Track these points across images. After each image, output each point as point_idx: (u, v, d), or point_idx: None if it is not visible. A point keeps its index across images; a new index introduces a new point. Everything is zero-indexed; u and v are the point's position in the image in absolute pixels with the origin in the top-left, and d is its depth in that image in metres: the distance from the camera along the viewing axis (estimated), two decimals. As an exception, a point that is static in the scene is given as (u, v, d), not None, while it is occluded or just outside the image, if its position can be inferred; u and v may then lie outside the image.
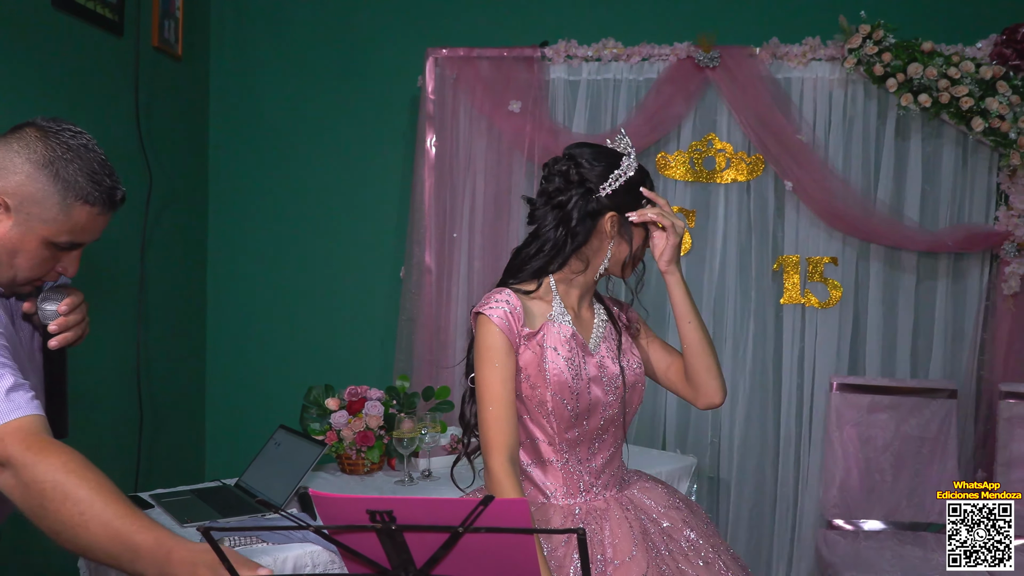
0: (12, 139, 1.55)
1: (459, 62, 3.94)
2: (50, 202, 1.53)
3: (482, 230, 3.97)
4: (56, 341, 1.63)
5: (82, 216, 1.56)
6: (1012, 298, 3.63)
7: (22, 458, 1.39)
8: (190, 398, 4.18)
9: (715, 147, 3.84)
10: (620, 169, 1.91)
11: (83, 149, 1.56)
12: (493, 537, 1.19)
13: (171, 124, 3.91)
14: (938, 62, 3.58)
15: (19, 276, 1.58)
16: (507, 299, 1.85)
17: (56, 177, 1.52)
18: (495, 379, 1.81)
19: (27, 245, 1.55)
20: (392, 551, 1.21)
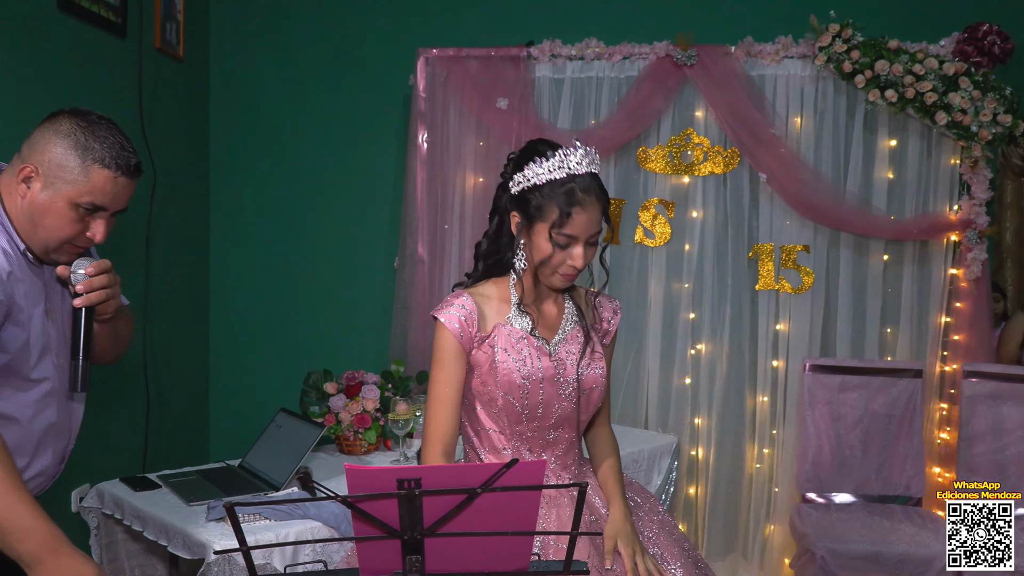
0: (47, 120, 1.72)
1: (449, 61, 3.94)
2: (71, 165, 1.66)
3: (472, 222, 3.98)
4: (81, 300, 1.71)
5: (100, 178, 1.68)
6: (974, 283, 3.66)
7: None
8: (194, 383, 4.19)
9: (693, 141, 3.85)
10: (522, 173, 1.79)
11: (105, 126, 1.71)
12: (502, 497, 1.23)
13: (173, 122, 3.90)
14: (904, 59, 3.60)
15: (50, 239, 1.70)
16: (463, 304, 1.82)
17: (77, 144, 1.67)
18: (442, 380, 1.83)
19: (55, 206, 1.67)
20: (406, 515, 1.23)
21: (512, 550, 1.33)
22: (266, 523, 2.27)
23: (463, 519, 1.25)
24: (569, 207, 1.73)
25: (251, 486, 2.58)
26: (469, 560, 1.31)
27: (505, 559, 1.32)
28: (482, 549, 1.31)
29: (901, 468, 3.53)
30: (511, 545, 1.32)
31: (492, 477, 1.19)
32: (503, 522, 1.28)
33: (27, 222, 1.69)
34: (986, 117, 3.55)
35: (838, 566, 3.10)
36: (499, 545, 1.31)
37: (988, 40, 3.59)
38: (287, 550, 2.23)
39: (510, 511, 1.28)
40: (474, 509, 1.24)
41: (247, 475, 2.69)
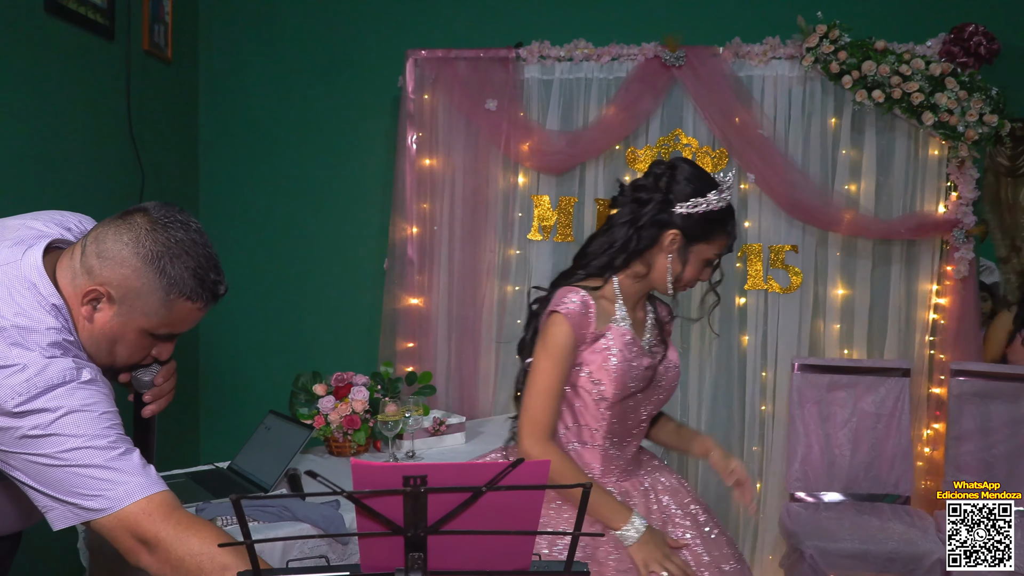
0: (123, 228, 1.46)
1: (437, 63, 3.92)
2: (153, 297, 1.46)
3: (462, 223, 3.95)
4: (150, 410, 1.64)
5: (183, 311, 1.50)
6: (961, 282, 3.66)
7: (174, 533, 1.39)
8: (184, 385, 4.12)
9: (681, 142, 3.83)
10: (703, 198, 1.89)
11: (192, 244, 1.49)
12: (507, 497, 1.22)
13: (162, 124, 3.87)
14: (890, 60, 3.59)
15: (117, 362, 1.56)
16: (584, 300, 1.85)
17: (163, 274, 1.45)
18: (552, 372, 1.85)
19: (127, 335, 1.50)
20: (411, 512, 1.22)
21: (514, 549, 1.32)
22: (255, 525, 2.24)
23: (466, 517, 1.24)
24: (732, 239, 1.95)
25: (240, 488, 2.55)
26: (471, 558, 1.30)
27: (507, 558, 1.32)
28: (484, 548, 1.30)
29: (889, 467, 3.52)
30: (513, 544, 1.31)
31: (497, 476, 1.18)
32: (506, 521, 1.27)
33: (92, 346, 1.51)
34: (972, 117, 3.55)
35: (827, 565, 3.09)
36: (501, 544, 1.30)
37: (974, 41, 3.59)
38: (275, 551, 2.19)
39: (513, 511, 1.28)
40: (478, 507, 1.23)
41: (237, 477, 2.66)
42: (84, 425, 1.39)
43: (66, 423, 1.38)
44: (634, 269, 1.94)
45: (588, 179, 3.93)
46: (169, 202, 1.54)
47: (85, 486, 1.38)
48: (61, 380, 1.39)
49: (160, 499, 1.41)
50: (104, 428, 1.41)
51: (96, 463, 1.38)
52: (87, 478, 1.38)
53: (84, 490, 1.38)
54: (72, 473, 1.38)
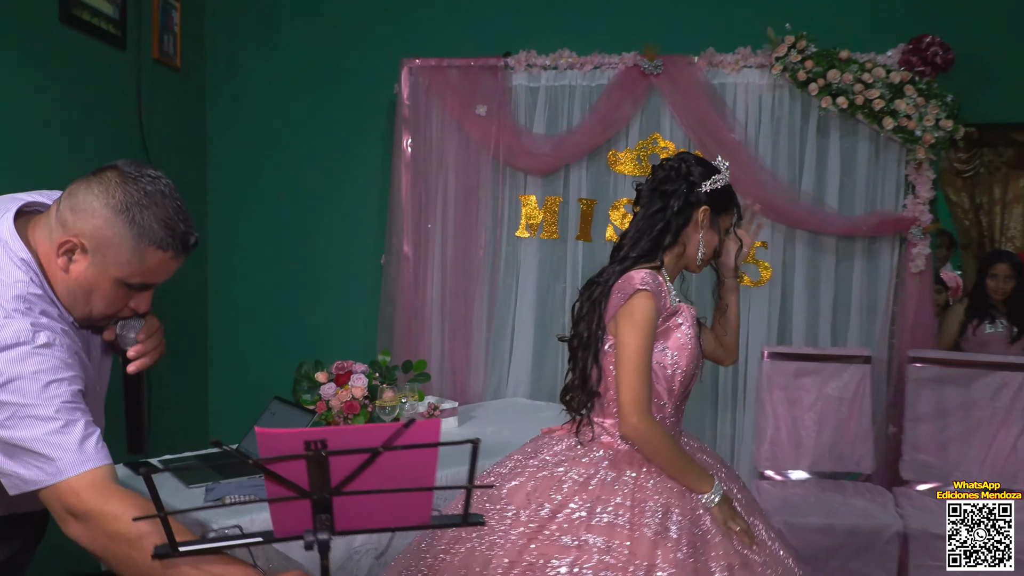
0: (93, 182, 1.45)
1: (431, 71, 3.95)
2: (125, 246, 1.43)
3: (454, 221, 3.99)
4: (134, 366, 1.56)
5: (155, 260, 1.47)
6: (918, 275, 3.72)
7: (101, 510, 1.34)
8: (194, 373, 4.19)
9: (659, 145, 3.88)
10: (719, 175, 1.98)
11: (160, 195, 1.46)
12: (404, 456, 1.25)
13: (171, 129, 3.90)
14: (853, 68, 3.65)
15: (94, 313, 1.51)
16: (658, 279, 1.88)
17: (132, 223, 1.43)
18: (644, 348, 1.82)
19: (101, 285, 1.47)
20: (315, 475, 1.25)
21: (415, 505, 1.36)
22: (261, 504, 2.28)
23: (368, 478, 1.27)
24: (740, 208, 2.07)
25: (246, 469, 2.58)
26: (375, 517, 1.34)
27: (409, 514, 1.36)
28: (387, 505, 1.34)
29: (852, 447, 3.58)
30: (413, 501, 1.35)
31: (392, 436, 1.22)
32: (405, 479, 1.31)
33: (69, 297, 1.48)
34: (929, 122, 3.61)
35: (794, 538, 3.14)
36: (402, 501, 1.34)
37: (931, 51, 3.64)
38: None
39: (411, 469, 1.31)
40: (378, 468, 1.26)
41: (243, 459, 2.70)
42: (27, 394, 1.35)
43: (8, 391, 1.34)
44: (674, 251, 1.98)
45: (572, 180, 3.98)
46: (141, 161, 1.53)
47: (22, 457, 1.35)
48: (14, 341, 1.35)
49: (92, 476, 1.36)
50: (48, 398, 1.36)
51: (35, 435, 1.34)
52: (25, 450, 1.34)
53: (23, 460, 1.35)
54: (10, 443, 1.35)
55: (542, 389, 3.98)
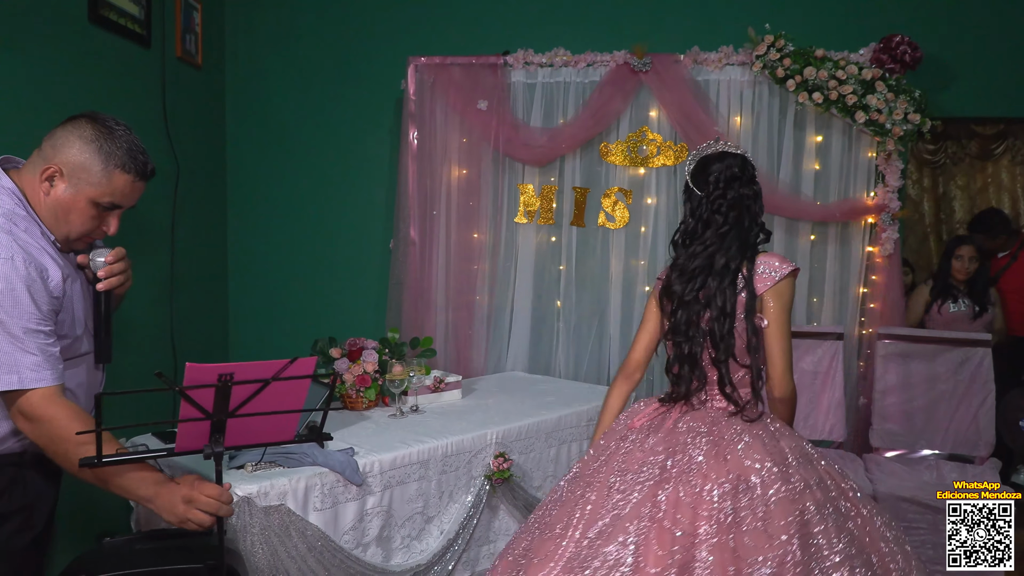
0: (69, 124, 1.68)
1: (435, 68, 3.90)
2: (95, 168, 1.66)
3: (457, 208, 3.95)
4: (103, 284, 1.73)
5: (120, 181, 1.69)
6: (887, 259, 3.69)
7: (50, 417, 1.59)
8: (215, 349, 4.14)
9: (648, 137, 3.83)
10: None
11: (123, 132, 1.70)
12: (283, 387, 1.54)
13: (193, 123, 3.83)
14: (828, 66, 3.60)
15: (72, 232, 1.69)
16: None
17: (100, 150, 1.66)
18: (790, 325, 1.97)
19: (78, 204, 1.67)
20: (220, 402, 1.49)
21: (285, 426, 1.63)
22: (280, 469, 2.25)
23: (257, 405, 1.53)
24: None
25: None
26: (254, 435, 1.61)
27: (279, 432, 1.64)
28: (265, 426, 1.60)
29: (825, 417, 3.56)
30: (284, 422, 1.62)
31: (280, 370, 1.51)
32: (279, 405, 1.57)
33: (51, 217, 1.67)
34: (898, 116, 3.56)
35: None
36: (275, 423, 1.61)
37: (900, 49, 3.59)
38: (299, 493, 2.21)
39: (286, 398, 1.57)
40: (263, 397, 1.53)
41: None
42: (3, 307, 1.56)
43: None
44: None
45: (567, 170, 3.93)
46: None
47: None
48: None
49: (46, 391, 1.60)
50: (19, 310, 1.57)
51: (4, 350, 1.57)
52: None
53: None
54: None
55: (539, 363, 3.96)
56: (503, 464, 2.72)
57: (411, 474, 2.53)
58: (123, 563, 1.67)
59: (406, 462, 2.52)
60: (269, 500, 2.13)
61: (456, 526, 2.64)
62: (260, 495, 2.11)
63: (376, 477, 2.42)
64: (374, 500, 2.43)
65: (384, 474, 2.45)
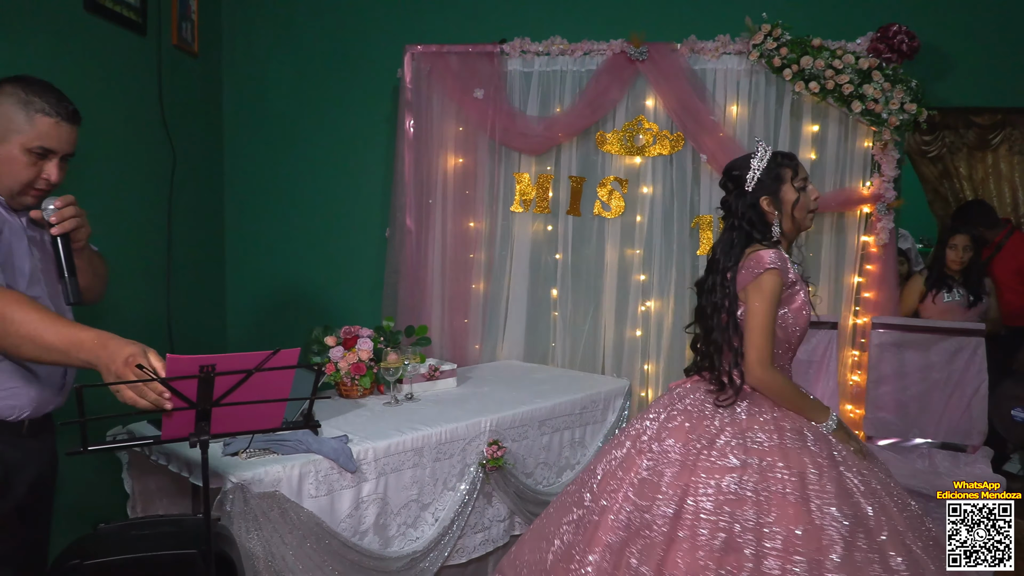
0: None
1: (432, 57, 3.89)
2: (19, 118, 1.77)
3: (453, 196, 3.95)
4: (57, 228, 1.79)
5: (44, 125, 1.78)
6: (882, 248, 3.69)
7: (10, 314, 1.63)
8: (212, 337, 4.15)
9: (644, 126, 3.83)
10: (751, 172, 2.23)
11: (40, 83, 1.81)
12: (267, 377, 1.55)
13: (190, 111, 3.83)
14: (825, 55, 3.59)
15: (14, 184, 1.80)
16: (782, 257, 2.10)
17: (20, 100, 1.77)
18: (771, 314, 2.07)
19: (11, 154, 1.77)
20: (203, 392, 1.51)
21: (272, 414, 1.66)
22: (274, 456, 2.27)
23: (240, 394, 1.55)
24: (793, 163, 2.19)
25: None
26: (241, 423, 1.64)
27: (266, 420, 1.67)
28: (251, 414, 1.62)
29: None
30: (271, 411, 1.65)
31: (263, 361, 1.52)
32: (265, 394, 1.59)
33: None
34: (895, 106, 3.56)
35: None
36: (263, 411, 1.63)
37: (897, 39, 3.59)
38: (293, 480, 2.23)
39: (272, 387, 1.59)
40: (249, 387, 1.54)
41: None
42: None
43: None
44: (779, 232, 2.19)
45: (563, 159, 3.93)
46: None
47: None
48: None
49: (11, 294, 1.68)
50: None
51: None
52: None
53: None
54: None
55: (535, 352, 3.97)
56: (497, 452, 2.74)
57: (405, 461, 2.55)
58: (117, 548, 1.69)
59: (400, 449, 2.54)
60: (263, 487, 2.15)
61: (451, 513, 2.67)
62: (254, 481, 2.13)
63: (371, 464, 2.45)
64: (369, 487, 2.45)
65: (379, 461, 2.47)
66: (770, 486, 1.89)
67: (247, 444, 2.29)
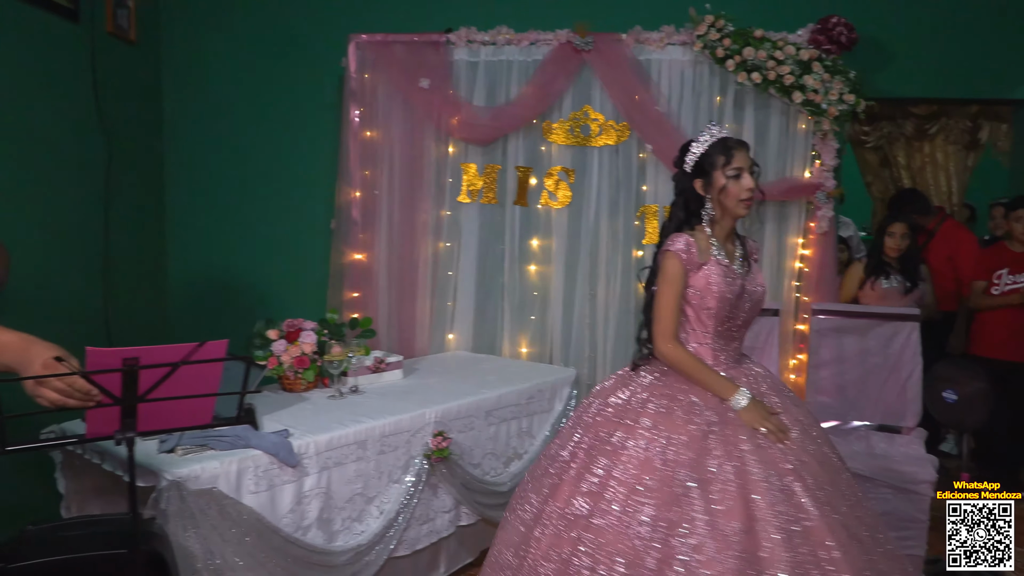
0: None
1: (377, 46, 3.85)
2: None
3: (399, 188, 3.92)
4: None
5: None
6: (822, 236, 3.76)
7: None
8: (154, 333, 4.06)
9: (590, 117, 3.84)
10: (692, 150, 2.23)
11: None
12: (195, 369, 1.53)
13: (127, 101, 3.74)
14: (767, 46, 3.64)
15: None
16: (686, 241, 2.17)
17: None
18: (672, 293, 2.17)
19: None
20: (127, 387, 1.49)
21: (201, 409, 1.64)
22: (211, 452, 2.24)
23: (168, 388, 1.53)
24: (728, 151, 2.17)
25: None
26: (170, 419, 1.61)
27: (196, 416, 1.64)
28: (180, 410, 1.59)
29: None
30: (200, 405, 1.63)
31: (189, 353, 1.50)
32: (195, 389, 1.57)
33: None
34: (834, 97, 3.62)
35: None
36: (191, 406, 1.61)
37: (837, 31, 3.65)
38: (231, 476, 2.20)
39: (200, 381, 1.58)
40: (176, 380, 1.52)
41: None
42: None
43: None
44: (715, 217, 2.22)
45: (510, 149, 3.93)
46: None
47: None
48: None
49: None
50: None
51: None
52: None
53: None
54: None
55: (484, 342, 3.97)
56: (442, 443, 2.74)
57: (349, 455, 2.54)
58: (43, 550, 1.65)
59: (343, 443, 2.52)
60: (200, 484, 2.12)
61: (396, 506, 2.66)
62: (190, 478, 2.10)
63: (312, 458, 2.43)
64: (312, 481, 2.43)
65: (321, 455, 2.45)
66: (636, 442, 2.03)
67: (183, 441, 2.25)
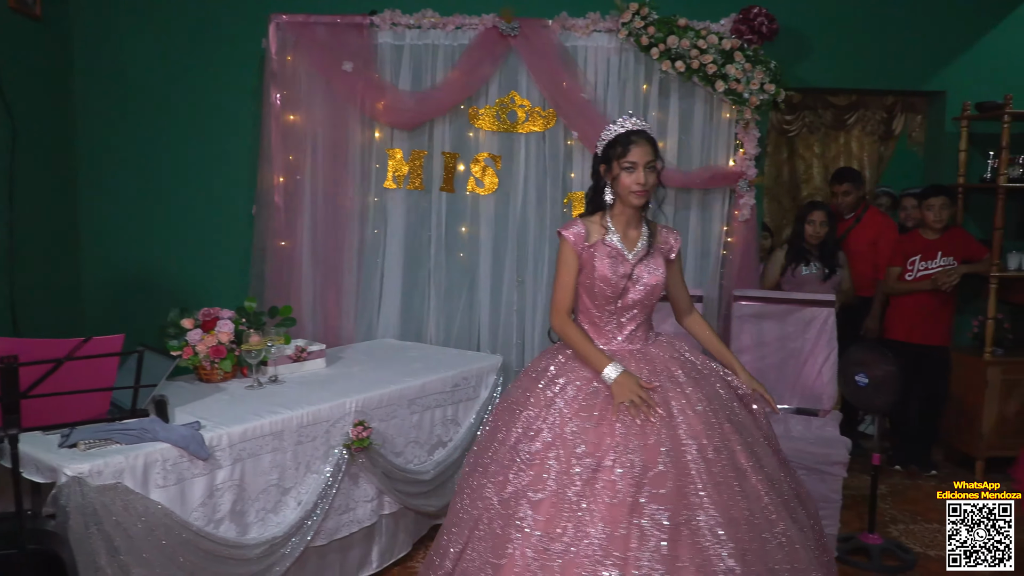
0: None
1: (298, 27, 3.75)
2: None
3: (323, 173, 3.84)
4: None
5: None
6: (744, 223, 3.84)
7: None
8: (67, 324, 3.90)
9: (517, 103, 3.83)
10: (602, 136, 2.32)
11: None
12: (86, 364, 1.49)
13: (33, 80, 3.56)
14: (690, 35, 3.68)
15: None
16: (577, 226, 2.30)
17: None
18: (565, 273, 2.31)
19: None
20: (8, 384, 1.46)
21: (96, 402, 1.61)
22: (116, 447, 2.16)
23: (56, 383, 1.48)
24: (626, 144, 2.23)
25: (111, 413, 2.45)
26: (61, 414, 1.57)
27: (90, 409, 1.61)
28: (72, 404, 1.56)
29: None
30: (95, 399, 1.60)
31: (73, 349, 1.46)
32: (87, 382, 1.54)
33: None
34: (755, 86, 3.69)
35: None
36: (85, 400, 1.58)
37: (758, 21, 3.71)
38: (137, 471, 2.13)
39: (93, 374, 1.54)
40: (65, 374, 1.48)
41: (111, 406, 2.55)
42: None
43: None
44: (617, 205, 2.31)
45: (436, 134, 3.89)
46: None
47: None
48: None
49: None
50: None
51: None
52: None
53: None
54: None
55: (410, 330, 3.93)
56: (362, 432, 2.71)
57: (264, 446, 2.48)
58: (-76, 553, 1.57)
59: (258, 434, 2.47)
60: (103, 479, 2.04)
61: (314, 496, 2.62)
62: (93, 474, 2.02)
63: (225, 451, 2.37)
64: (224, 474, 2.37)
65: (234, 447, 2.39)
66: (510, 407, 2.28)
67: (87, 436, 2.16)
